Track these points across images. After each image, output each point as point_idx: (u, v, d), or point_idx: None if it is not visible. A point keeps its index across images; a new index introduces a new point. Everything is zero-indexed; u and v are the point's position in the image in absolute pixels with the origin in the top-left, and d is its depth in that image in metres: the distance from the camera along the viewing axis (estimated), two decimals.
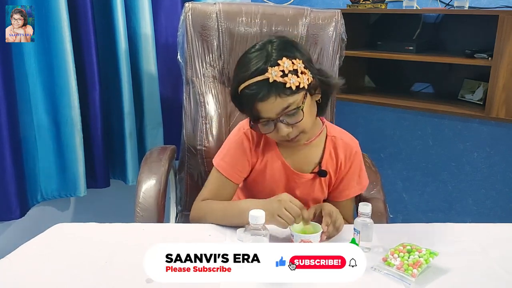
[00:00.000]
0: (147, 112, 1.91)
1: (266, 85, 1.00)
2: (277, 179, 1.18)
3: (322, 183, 1.19)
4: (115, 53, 1.75)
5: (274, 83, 1.00)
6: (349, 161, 1.19)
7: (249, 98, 1.03)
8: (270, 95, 1.00)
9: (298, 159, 1.17)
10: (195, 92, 1.52)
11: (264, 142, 1.17)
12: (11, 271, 0.90)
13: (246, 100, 1.04)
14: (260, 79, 1.01)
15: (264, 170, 1.18)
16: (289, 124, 1.04)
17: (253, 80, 1.02)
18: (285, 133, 1.05)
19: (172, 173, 1.52)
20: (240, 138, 1.16)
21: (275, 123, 1.04)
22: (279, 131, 1.05)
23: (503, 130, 2.03)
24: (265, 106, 1.02)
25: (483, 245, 1.02)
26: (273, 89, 1.00)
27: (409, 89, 2.22)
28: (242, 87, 1.04)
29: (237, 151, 1.16)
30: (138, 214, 1.23)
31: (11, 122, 1.53)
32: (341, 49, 1.55)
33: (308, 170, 1.18)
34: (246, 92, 1.03)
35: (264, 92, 1.00)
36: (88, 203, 1.91)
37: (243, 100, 1.05)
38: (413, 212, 2.33)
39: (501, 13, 1.65)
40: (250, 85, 1.02)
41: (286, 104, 1.02)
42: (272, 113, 1.03)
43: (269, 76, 1.00)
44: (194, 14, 1.50)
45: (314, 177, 1.18)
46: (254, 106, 1.03)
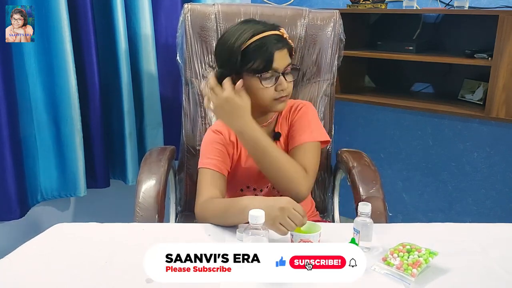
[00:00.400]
0: (147, 112, 1.92)
1: (281, 39, 1.17)
2: (250, 162, 1.24)
3: (283, 146, 1.27)
4: (115, 53, 1.75)
5: (286, 40, 1.18)
6: (296, 112, 1.27)
7: (268, 46, 1.13)
8: (284, 47, 1.16)
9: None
10: (194, 92, 1.52)
11: (232, 132, 1.24)
12: (11, 271, 0.90)
13: (262, 49, 1.13)
14: (276, 32, 1.17)
15: (239, 157, 1.26)
16: (287, 80, 1.17)
17: (271, 32, 1.15)
18: (285, 86, 1.17)
19: (172, 173, 1.52)
20: (212, 135, 1.25)
21: (277, 76, 1.16)
22: (281, 85, 1.16)
23: (503, 130, 2.03)
24: (280, 55, 1.15)
25: (483, 245, 1.02)
26: (286, 45, 1.17)
27: (409, 89, 2.22)
28: (261, 36, 1.14)
29: (214, 146, 1.23)
30: (138, 214, 1.23)
31: (11, 122, 1.53)
32: (339, 49, 1.55)
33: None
34: (264, 41, 1.13)
35: (282, 43, 1.16)
36: (88, 203, 1.91)
37: (257, 50, 1.13)
38: (413, 212, 2.33)
39: (501, 13, 1.65)
40: (267, 36, 1.14)
41: (289, 61, 1.18)
42: (282, 63, 1.15)
43: (283, 33, 1.18)
44: (193, 15, 1.50)
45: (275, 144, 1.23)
46: (271, 53, 1.13)
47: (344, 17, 1.56)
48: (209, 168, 1.20)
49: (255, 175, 1.26)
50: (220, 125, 1.26)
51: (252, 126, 1.14)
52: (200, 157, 1.25)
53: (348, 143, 1.29)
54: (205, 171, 1.21)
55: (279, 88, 1.16)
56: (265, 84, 1.15)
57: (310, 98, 1.51)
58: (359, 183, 1.36)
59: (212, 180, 1.20)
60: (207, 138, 1.27)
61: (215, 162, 1.21)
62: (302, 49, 1.53)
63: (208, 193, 1.17)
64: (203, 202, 1.16)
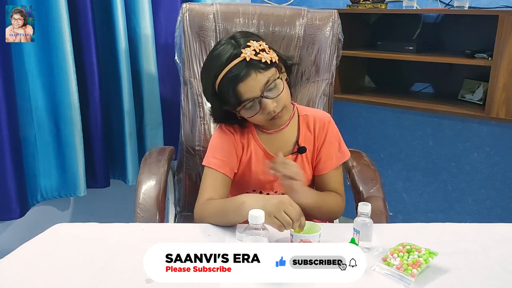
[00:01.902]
0: (147, 112, 1.92)
1: (244, 65, 1.06)
2: (262, 168, 1.22)
3: (304, 161, 1.23)
4: (115, 53, 1.75)
5: (251, 62, 1.07)
6: (323, 131, 1.24)
7: (231, 82, 1.07)
8: (250, 73, 1.06)
9: (277, 144, 1.22)
10: (193, 92, 1.52)
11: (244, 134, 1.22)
12: (11, 271, 0.90)
13: (227, 87, 1.08)
14: (237, 61, 1.07)
15: (249, 160, 1.22)
16: (272, 98, 1.09)
17: (231, 65, 1.07)
18: (271, 108, 1.09)
19: (171, 174, 1.52)
20: (223, 134, 1.22)
21: (259, 100, 1.09)
22: (266, 108, 1.09)
23: (503, 130, 2.03)
24: (248, 84, 1.07)
25: (483, 245, 1.02)
26: (252, 67, 1.07)
27: (409, 89, 2.22)
28: (222, 75, 1.08)
29: (224, 146, 1.20)
30: (138, 215, 1.23)
31: (11, 122, 1.53)
32: (338, 49, 1.55)
33: (289, 152, 1.23)
34: (226, 77, 1.07)
35: (244, 71, 1.06)
36: (88, 203, 1.91)
37: (223, 89, 1.09)
38: (413, 212, 2.33)
39: (501, 13, 1.65)
40: (228, 71, 1.07)
41: (266, 78, 1.08)
42: (255, 91, 1.08)
43: (245, 56, 1.06)
44: (191, 15, 1.50)
45: (295, 157, 1.22)
46: (237, 88, 1.07)
47: (344, 17, 1.56)
48: (214, 169, 1.18)
49: (263, 179, 1.24)
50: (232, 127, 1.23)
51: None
52: (207, 153, 1.22)
53: (348, 143, 1.29)
54: (210, 171, 1.19)
55: (265, 112, 1.10)
56: (249, 115, 1.12)
57: (308, 98, 1.52)
58: (359, 183, 1.36)
59: (215, 182, 1.18)
60: (216, 136, 1.23)
61: (220, 163, 1.19)
62: (301, 49, 1.53)
63: (208, 195, 1.17)
64: (202, 203, 1.16)
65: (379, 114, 2.31)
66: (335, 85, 1.62)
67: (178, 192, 1.58)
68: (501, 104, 1.73)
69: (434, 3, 2.00)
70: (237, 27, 1.51)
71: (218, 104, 1.15)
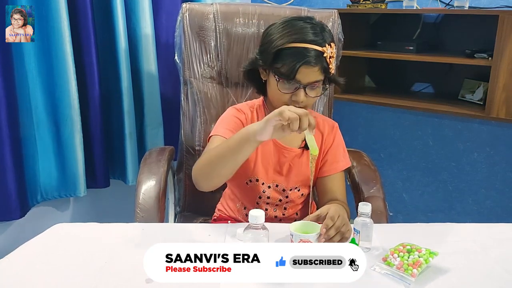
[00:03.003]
0: (147, 112, 1.92)
1: (319, 57, 1.11)
2: (268, 156, 1.23)
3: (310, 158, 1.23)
4: (115, 53, 1.75)
5: (323, 58, 1.12)
6: (332, 134, 1.27)
7: (300, 57, 1.10)
8: (317, 66, 1.11)
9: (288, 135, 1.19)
10: (193, 92, 1.52)
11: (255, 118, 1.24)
12: (11, 271, 0.90)
13: (293, 57, 1.10)
14: (317, 48, 1.11)
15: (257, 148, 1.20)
16: (307, 95, 1.14)
17: (312, 46, 1.11)
18: (300, 99, 1.13)
19: (171, 174, 1.52)
20: (235, 112, 1.24)
21: (298, 87, 1.13)
22: (297, 95, 1.13)
23: (503, 130, 2.03)
24: (308, 71, 1.11)
25: (483, 245, 1.02)
26: (321, 63, 1.12)
27: (409, 89, 2.22)
28: (298, 45, 1.11)
29: (233, 120, 1.22)
30: (138, 215, 1.23)
31: (11, 122, 1.53)
32: (338, 49, 1.55)
33: (297, 147, 1.25)
34: (299, 51, 1.10)
35: (316, 60, 1.11)
36: (88, 203, 1.91)
37: (287, 55, 1.11)
38: (413, 212, 2.33)
39: (501, 13, 1.65)
40: (306, 48, 1.10)
41: (319, 79, 1.14)
42: (306, 79, 1.12)
43: (325, 51, 1.12)
44: (191, 15, 1.50)
45: (301, 152, 1.24)
46: (299, 65, 1.10)
47: (344, 17, 1.56)
48: (220, 136, 1.17)
49: (266, 169, 1.24)
50: (243, 106, 1.26)
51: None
52: (214, 127, 1.22)
53: (348, 143, 1.29)
54: (215, 138, 1.17)
55: (294, 98, 1.13)
56: (282, 90, 1.14)
57: None
58: (359, 182, 1.36)
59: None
60: (227, 113, 1.25)
61: (229, 133, 1.17)
62: None
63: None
64: (200, 158, 1.15)
65: (379, 114, 2.31)
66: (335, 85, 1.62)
67: (178, 192, 1.58)
68: (501, 104, 1.73)
69: (434, 3, 2.00)
70: (237, 27, 1.51)
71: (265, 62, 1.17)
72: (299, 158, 1.24)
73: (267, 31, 1.20)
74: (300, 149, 1.24)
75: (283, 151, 1.23)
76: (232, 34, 1.51)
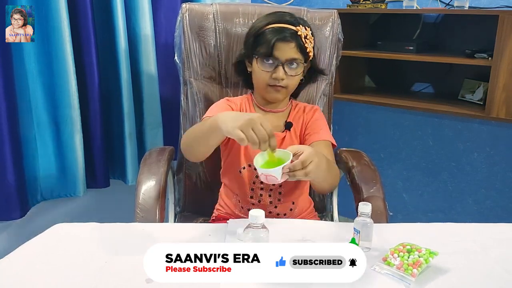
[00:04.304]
0: (147, 113, 1.92)
1: (294, 34, 1.21)
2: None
3: (293, 137, 1.30)
4: (115, 53, 1.75)
5: (299, 37, 1.21)
6: (311, 112, 1.33)
7: (275, 35, 1.20)
8: (292, 40, 1.20)
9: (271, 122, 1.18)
10: (192, 92, 1.52)
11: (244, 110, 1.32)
12: (11, 271, 0.90)
13: (270, 36, 1.20)
14: (291, 27, 1.21)
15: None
16: (286, 73, 1.22)
17: (285, 25, 1.21)
18: (280, 76, 1.21)
19: (171, 174, 1.52)
20: (226, 101, 1.32)
21: (277, 65, 1.21)
22: (276, 72, 1.21)
23: (503, 130, 2.03)
24: (284, 47, 1.20)
25: (483, 245, 1.02)
26: (296, 40, 1.21)
27: (409, 89, 2.22)
28: (272, 26, 1.22)
29: (224, 106, 1.30)
30: (138, 215, 1.23)
31: (11, 122, 1.53)
32: (338, 49, 1.55)
33: (279, 131, 1.30)
34: (275, 29, 1.21)
35: (291, 37, 1.20)
36: (88, 203, 1.91)
37: (266, 36, 1.21)
38: (413, 212, 2.33)
39: (501, 13, 1.65)
40: (280, 27, 1.21)
41: (296, 56, 1.21)
42: (284, 55, 1.20)
43: (298, 30, 1.21)
44: (191, 15, 1.50)
45: (285, 135, 1.30)
46: (274, 41, 1.19)
47: (344, 17, 1.56)
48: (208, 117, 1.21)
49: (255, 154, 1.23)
50: (234, 99, 1.35)
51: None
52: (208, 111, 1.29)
53: (348, 143, 1.29)
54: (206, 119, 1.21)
55: (274, 75, 1.21)
56: (262, 68, 1.22)
57: (308, 98, 1.52)
58: (359, 182, 1.36)
59: None
60: (219, 102, 1.33)
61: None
62: None
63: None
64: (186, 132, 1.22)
65: (379, 114, 2.31)
66: (335, 85, 1.62)
67: (178, 192, 1.58)
68: (501, 104, 1.73)
69: (434, 3, 2.00)
70: (237, 27, 1.51)
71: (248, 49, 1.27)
72: (283, 140, 1.29)
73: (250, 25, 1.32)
74: (283, 132, 1.30)
75: None
76: (232, 34, 1.51)
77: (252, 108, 1.33)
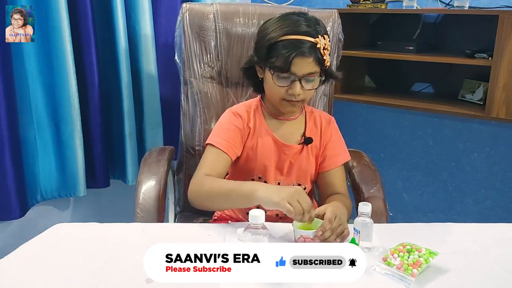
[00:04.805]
0: (147, 112, 1.92)
1: (313, 47, 1.12)
2: (268, 154, 1.23)
3: (309, 153, 1.26)
4: (115, 53, 1.75)
5: (317, 49, 1.12)
6: (329, 128, 1.29)
7: (293, 49, 1.10)
8: (311, 57, 1.12)
9: (285, 133, 1.25)
10: (193, 92, 1.52)
11: (253, 119, 1.24)
12: (11, 271, 0.90)
13: (287, 52, 1.11)
14: (310, 40, 1.12)
15: (256, 146, 1.23)
16: (303, 87, 1.14)
17: (304, 37, 1.11)
18: (297, 92, 1.14)
19: (171, 174, 1.52)
20: (231, 117, 1.24)
21: (293, 80, 1.13)
22: (293, 88, 1.14)
23: (503, 130, 2.03)
24: (302, 62, 1.12)
25: (483, 245, 1.02)
26: (315, 54, 1.12)
27: (409, 89, 2.22)
28: (290, 37, 1.12)
29: (230, 127, 1.22)
30: (138, 215, 1.23)
31: (11, 122, 1.53)
32: (338, 49, 1.55)
33: (296, 142, 1.25)
34: (292, 42, 1.11)
35: (309, 51, 1.11)
36: (88, 203, 1.91)
37: (281, 50, 1.12)
38: (413, 212, 2.33)
39: (501, 13, 1.65)
40: (298, 39, 1.11)
41: (314, 70, 1.14)
42: (301, 71, 1.12)
43: (317, 42, 1.12)
44: (191, 15, 1.50)
45: (301, 148, 1.25)
46: (292, 58, 1.10)
47: (344, 17, 1.56)
48: (217, 148, 1.18)
49: (268, 165, 1.24)
50: (240, 108, 1.26)
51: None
52: (212, 133, 1.23)
53: (348, 143, 1.29)
54: (213, 149, 1.19)
55: (290, 91, 1.14)
56: (278, 83, 1.15)
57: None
58: (360, 183, 1.36)
59: (216, 160, 1.18)
60: (224, 118, 1.25)
61: (225, 143, 1.19)
62: None
63: (209, 170, 1.16)
64: (200, 178, 1.15)
65: (379, 114, 2.31)
66: (335, 85, 1.62)
67: (178, 192, 1.58)
68: (501, 104, 1.73)
69: (434, 3, 2.00)
70: (237, 27, 1.51)
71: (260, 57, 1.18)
72: (299, 154, 1.25)
73: (262, 27, 1.22)
74: (299, 145, 1.25)
75: (283, 149, 1.24)
76: (232, 34, 1.51)
77: (262, 119, 1.25)
